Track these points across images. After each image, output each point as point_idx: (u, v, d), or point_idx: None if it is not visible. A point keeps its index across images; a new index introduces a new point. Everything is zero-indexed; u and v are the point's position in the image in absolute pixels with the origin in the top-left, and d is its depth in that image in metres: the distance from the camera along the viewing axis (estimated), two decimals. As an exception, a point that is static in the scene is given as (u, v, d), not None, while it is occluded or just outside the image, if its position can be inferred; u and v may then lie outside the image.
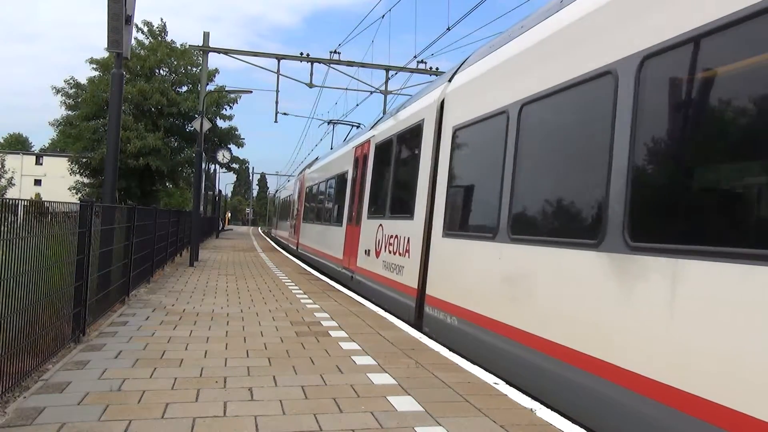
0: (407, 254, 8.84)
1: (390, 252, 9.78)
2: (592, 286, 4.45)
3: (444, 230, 7.49)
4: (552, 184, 5.42)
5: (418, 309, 8.21)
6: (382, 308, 9.54)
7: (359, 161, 13.31)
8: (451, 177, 7.53)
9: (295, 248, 25.23)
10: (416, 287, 8.28)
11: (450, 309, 7.02)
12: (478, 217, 7.00)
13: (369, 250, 11.17)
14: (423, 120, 8.84)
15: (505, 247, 5.78)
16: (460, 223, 7.32)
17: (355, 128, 22.32)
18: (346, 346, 6.72)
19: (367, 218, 11.67)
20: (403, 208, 9.53)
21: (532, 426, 4.25)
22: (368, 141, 12.65)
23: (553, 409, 4.62)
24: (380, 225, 10.56)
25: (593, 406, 4.28)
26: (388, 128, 11.22)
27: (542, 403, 4.77)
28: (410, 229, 8.81)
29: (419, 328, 7.94)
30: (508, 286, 5.78)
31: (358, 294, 11.34)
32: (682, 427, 3.44)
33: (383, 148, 11.33)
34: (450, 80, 8.24)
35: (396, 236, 9.50)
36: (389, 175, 10.60)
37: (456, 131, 7.46)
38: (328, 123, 25.89)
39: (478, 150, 7.08)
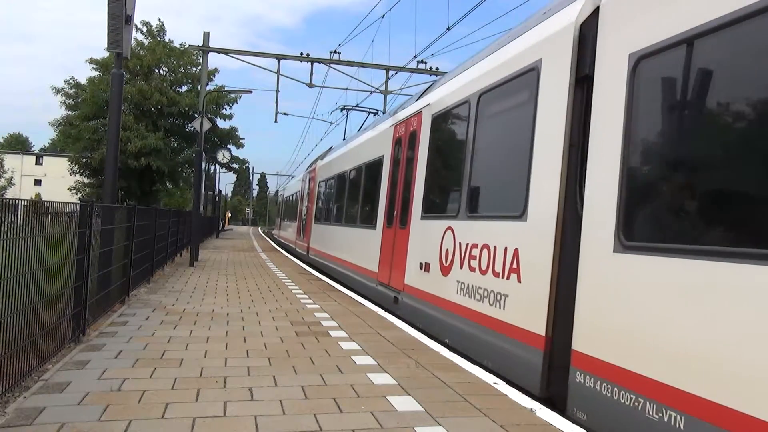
0: (514, 276, 5.74)
1: (474, 270, 6.65)
2: None
3: (621, 239, 4.21)
4: None
5: (549, 372, 5.04)
6: (458, 353, 6.58)
7: (402, 142, 10.24)
8: (641, 142, 4.30)
9: (304, 253, 21.90)
10: (543, 334, 5.10)
11: (661, 395, 3.73)
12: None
13: (427, 264, 8.13)
14: (539, 61, 5.72)
15: None
16: (683, 226, 3.90)
17: (372, 115, 20.17)
18: (346, 346, 6.72)
19: (422, 218, 8.65)
20: (497, 202, 6.62)
21: (531, 426, 4.25)
22: (418, 114, 9.43)
23: (553, 408, 4.62)
24: (449, 228, 7.46)
25: None
26: (455, 90, 7.97)
27: (542, 402, 4.77)
28: (519, 235, 5.75)
29: (558, 407, 4.77)
30: None
31: (408, 323, 8.38)
32: None
33: (448, 119, 8.27)
34: None
35: (486, 246, 6.41)
36: (463, 155, 7.29)
37: (642, 59, 4.26)
38: (342, 109, 22.60)
39: (735, 77, 3.60)
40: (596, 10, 5.00)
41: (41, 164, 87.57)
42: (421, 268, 8.41)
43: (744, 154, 3.53)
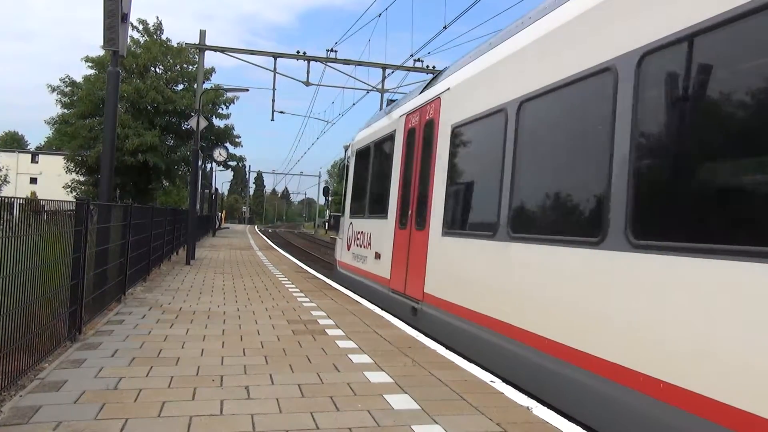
0: None
1: None
2: None
3: None
4: None
5: None
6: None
7: None
8: None
9: None
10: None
11: None
12: None
13: None
14: None
15: None
16: None
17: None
18: (343, 344, 6.72)
19: None
20: None
21: (528, 424, 4.26)
22: None
23: (549, 406, 4.63)
24: None
25: None
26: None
27: (538, 400, 4.78)
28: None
29: None
30: None
31: None
32: None
33: None
34: None
35: None
36: None
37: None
38: None
39: None
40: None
41: (37, 162, 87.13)
42: None
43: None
